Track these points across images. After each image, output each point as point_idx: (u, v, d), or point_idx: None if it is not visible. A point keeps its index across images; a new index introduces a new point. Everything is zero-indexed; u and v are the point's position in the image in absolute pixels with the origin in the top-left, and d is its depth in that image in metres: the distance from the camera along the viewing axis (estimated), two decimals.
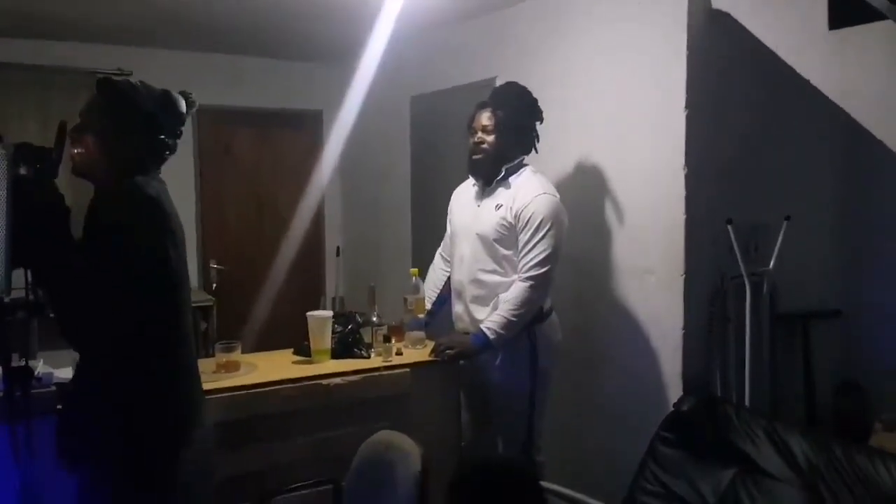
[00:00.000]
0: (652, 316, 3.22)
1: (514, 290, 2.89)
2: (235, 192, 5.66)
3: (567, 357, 3.50)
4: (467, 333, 3.02)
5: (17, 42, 4.70)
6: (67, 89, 4.71)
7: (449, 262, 3.25)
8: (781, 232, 3.20)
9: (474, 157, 3.01)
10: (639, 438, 3.03)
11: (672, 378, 3.13)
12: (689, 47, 3.01)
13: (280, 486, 2.47)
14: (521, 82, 3.19)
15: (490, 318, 2.91)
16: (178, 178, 5.28)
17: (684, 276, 3.08)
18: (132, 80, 1.98)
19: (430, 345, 3.11)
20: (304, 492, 2.50)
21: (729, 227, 3.10)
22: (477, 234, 2.99)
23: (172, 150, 2.00)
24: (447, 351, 2.96)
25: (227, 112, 5.52)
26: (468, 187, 3.19)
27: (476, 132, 2.99)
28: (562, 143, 3.58)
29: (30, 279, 1.73)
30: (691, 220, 3.06)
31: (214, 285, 5.47)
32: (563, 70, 3.61)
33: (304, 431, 2.67)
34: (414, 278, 3.18)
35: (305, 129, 5.84)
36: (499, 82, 3.97)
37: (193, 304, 4.80)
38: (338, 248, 6.01)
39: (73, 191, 1.98)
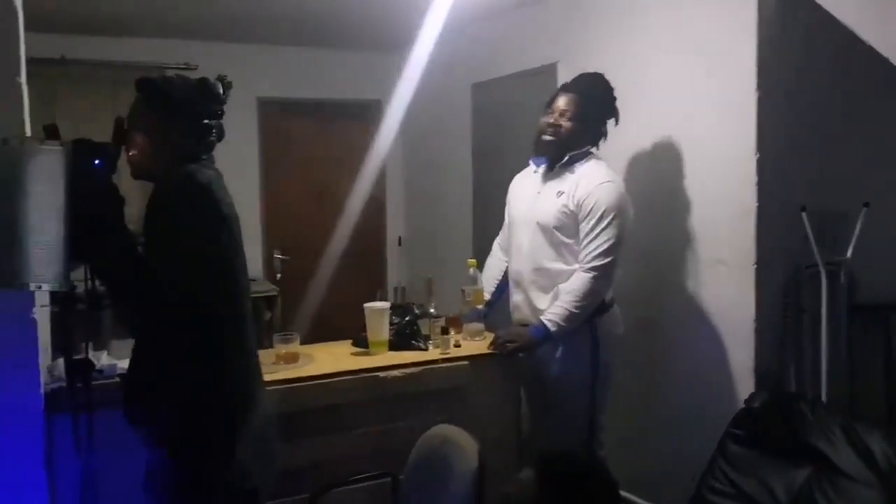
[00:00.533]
0: (722, 308, 3.10)
1: (575, 281, 2.82)
2: (298, 183, 5.70)
3: (632, 350, 3.41)
4: (526, 325, 2.95)
5: (87, 39, 4.81)
6: (130, 86, 4.80)
7: (507, 252, 3.19)
8: (860, 220, 3.03)
9: (544, 136, 2.95)
10: (707, 435, 2.92)
11: (743, 373, 3.00)
12: (759, 26, 2.87)
13: (338, 478, 2.47)
14: (583, 67, 3.15)
15: (551, 310, 2.84)
16: (242, 170, 5.42)
17: (756, 265, 2.95)
18: (168, 74, 2.03)
19: (489, 337, 3.06)
20: (361, 485, 2.49)
21: (803, 214, 2.95)
22: (537, 222, 2.93)
23: (219, 134, 2.00)
24: (507, 344, 2.89)
25: (289, 104, 5.58)
26: (528, 175, 3.13)
27: (553, 113, 2.94)
28: (626, 129, 3.43)
29: (88, 272, 1.75)
30: (763, 208, 2.92)
31: (278, 275, 5.53)
32: (627, 53, 3.49)
33: (362, 424, 2.66)
34: (472, 269, 3.13)
35: (366, 119, 5.83)
36: (560, 68, 3.91)
37: (258, 294, 4.98)
38: (399, 238, 6.03)
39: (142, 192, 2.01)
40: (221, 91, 1.98)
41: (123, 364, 2.45)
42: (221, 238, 1.84)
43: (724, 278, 3.06)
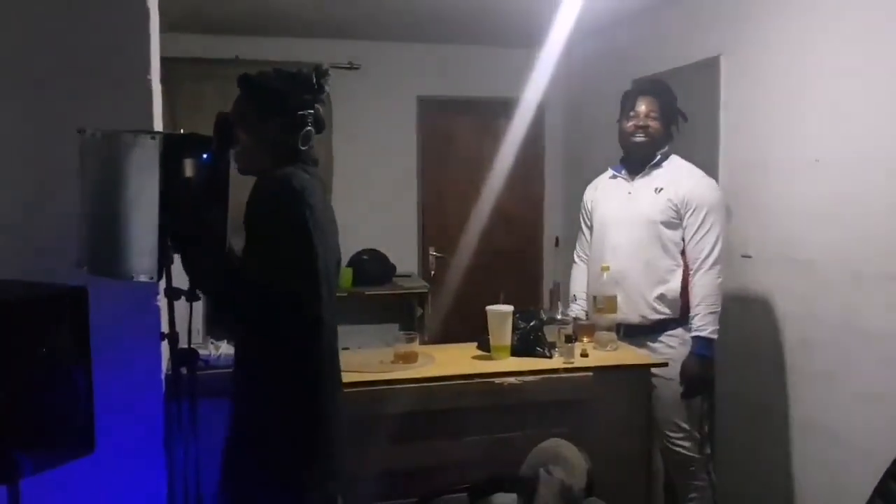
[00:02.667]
0: (891, 328, 2.71)
1: (704, 284, 2.91)
2: (455, 181, 5.71)
3: (790, 372, 3.14)
4: (627, 324, 3.02)
5: (259, 39, 5.07)
6: None
7: (591, 259, 3.23)
8: None
9: (636, 139, 3.07)
10: (868, 471, 2.57)
11: None
12: None
13: (448, 485, 2.40)
14: (749, 60, 3.36)
15: (698, 323, 2.90)
16: (400, 167, 5.53)
17: None
18: (266, 69, 2.03)
19: (623, 346, 2.95)
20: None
21: None
22: (637, 218, 2.99)
23: (317, 125, 1.99)
24: (702, 384, 2.96)
25: (448, 102, 5.60)
26: (605, 181, 3.25)
27: (639, 116, 3.06)
28: (793, 126, 3.16)
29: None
30: None
31: (433, 272, 5.57)
32: (796, 44, 3.16)
33: (475, 430, 2.57)
34: (605, 275, 2.96)
35: (525, 117, 5.72)
36: (723, 62, 3.64)
37: (410, 291, 5.04)
38: (556, 238, 5.88)
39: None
40: (315, 80, 1.97)
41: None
42: (311, 244, 1.84)
43: (895, 295, 2.68)
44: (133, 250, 1.62)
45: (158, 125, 2.19)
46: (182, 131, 1.78)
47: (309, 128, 1.97)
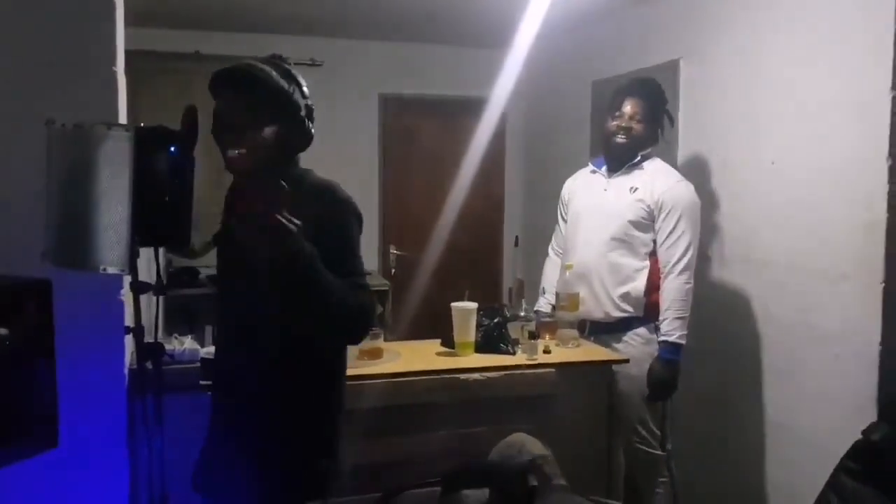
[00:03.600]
0: (844, 327, 2.80)
1: (673, 288, 2.94)
2: (416, 179, 5.72)
3: (742, 369, 3.22)
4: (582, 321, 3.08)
5: (220, 34, 5.01)
6: None
7: (564, 251, 3.26)
8: None
9: (618, 139, 3.07)
10: (819, 466, 2.66)
11: (864, 401, 2.70)
12: None
13: (413, 478, 2.42)
14: (708, 64, 3.41)
15: (666, 327, 2.93)
16: (362, 165, 5.51)
17: (884, 283, 2.65)
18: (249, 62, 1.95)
19: (585, 344, 3.00)
20: (437, 488, 2.43)
21: None
22: (609, 215, 3.02)
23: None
24: (666, 389, 2.97)
25: (411, 100, 5.60)
26: (585, 175, 3.27)
27: (623, 117, 3.06)
28: (749, 131, 3.25)
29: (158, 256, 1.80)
30: (895, 219, 2.62)
31: (393, 270, 5.58)
32: (754, 49, 3.24)
33: (441, 425, 2.60)
34: (567, 272, 3.01)
35: (486, 116, 5.76)
36: (683, 65, 3.71)
37: (372, 289, 5.03)
38: (517, 238, 5.93)
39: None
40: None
41: (209, 349, 2.53)
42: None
43: (848, 295, 2.77)
44: (103, 243, 1.60)
45: (124, 118, 2.17)
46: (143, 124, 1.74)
47: (311, 123, 1.93)
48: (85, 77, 2.05)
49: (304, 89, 1.93)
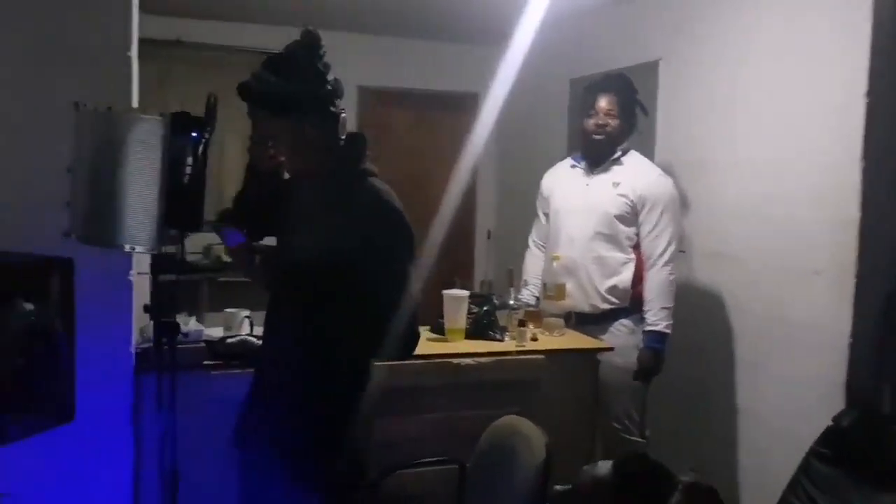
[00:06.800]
0: (815, 320, 2.95)
1: (657, 282, 3.04)
2: (392, 172, 5.67)
3: (717, 359, 3.35)
4: (572, 312, 3.17)
5: (200, 22, 4.99)
6: (238, 69, 4.97)
7: (546, 246, 3.34)
8: None
9: (595, 136, 3.15)
10: (791, 452, 2.80)
11: (833, 389, 2.85)
12: (873, 29, 2.71)
13: (404, 460, 2.49)
14: (687, 65, 3.48)
15: (651, 317, 3.04)
16: None
17: (856, 278, 2.80)
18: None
19: (570, 333, 3.10)
20: (428, 469, 2.51)
21: None
22: (593, 210, 3.09)
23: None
24: (652, 372, 3.08)
25: (386, 93, 5.65)
26: (564, 169, 3.35)
27: (598, 114, 3.14)
28: (726, 129, 3.38)
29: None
30: (867, 218, 2.77)
31: None
32: (733, 52, 3.38)
33: (432, 409, 2.67)
34: (555, 263, 3.11)
35: (462, 111, 5.85)
36: (662, 65, 3.84)
37: None
38: (489, 231, 6.03)
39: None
40: (323, 65, 1.95)
41: (210, 331, 2.58)
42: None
43: (820, 290, 2.92)
44: (132, 222, 1.64)
45: (136, 101, 2.20)
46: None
47: (343, 115, 1.96)
48: (101, 61, 2.08)
49: (323, 88, 1.94)
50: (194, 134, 1.78)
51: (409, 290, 1.90)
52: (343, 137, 1.98)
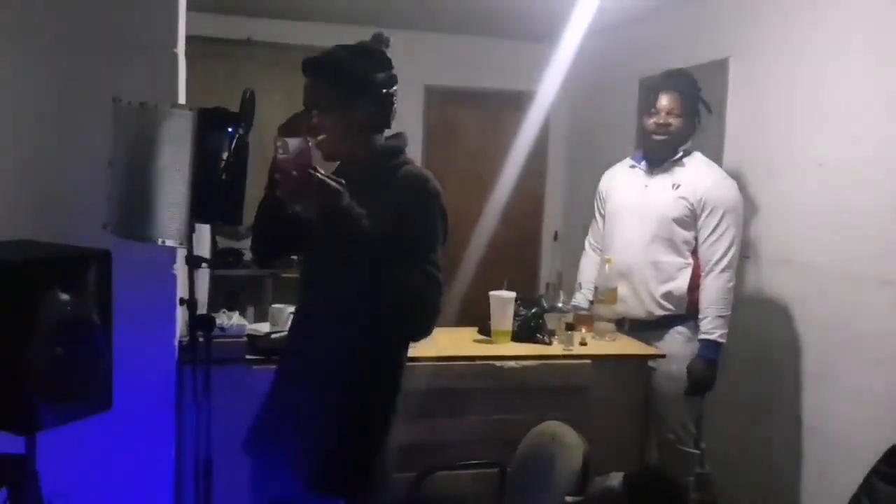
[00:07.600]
0: (884, 333, 2.78)
1: (715, 287, 2.93)
2: (458, 171, 5.75)
3: (780, 370, 3.21)
4: (627, 319, 3.07)
5: (271, 22, 5.09)
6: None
7: (602, 248, 3.24)
8: None
9: (657, 136, 3.05)
10: (854, 470, 2.65)
11: None
12: None
13: (445, 461, 2.47)
14: (757, 62, 3.34)
15: (707, 325, 2.92)
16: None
17: None
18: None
19: (622, 338, 3.02)
20: (468, 471, 2.48)
21: None
22: (651, 213, 2.99)
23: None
24: (706, 384, 2.96)
25: (455, 92, 5.64)
26: (624, 170, 3.23)
27: (660, 113, 3.03)
28: (799, 130, 3.23)
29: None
30: None
31: None
32: (806, 48, 3.22)
33: (475, 411, 2.65)
34: (607, 266, 3.03)
35: (529, 111, 5.78)
36: (732, 64, 3.70)
37: None
38: (555, 233, 5.95)
39: None
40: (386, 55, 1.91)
41: (254, 326, 2.61)
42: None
43: (890, 301, 2.76)
44: (163, 216, 1.67)
45: (183, 98, 2.25)
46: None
47: (395, 104, 1.93)
48: (148, 57, 2.14)
49: (383, 74, 1.90)
50: (230, 129, 1.81)
51: (437, 262, 1.88)
52: (389, 129, 1.95)
